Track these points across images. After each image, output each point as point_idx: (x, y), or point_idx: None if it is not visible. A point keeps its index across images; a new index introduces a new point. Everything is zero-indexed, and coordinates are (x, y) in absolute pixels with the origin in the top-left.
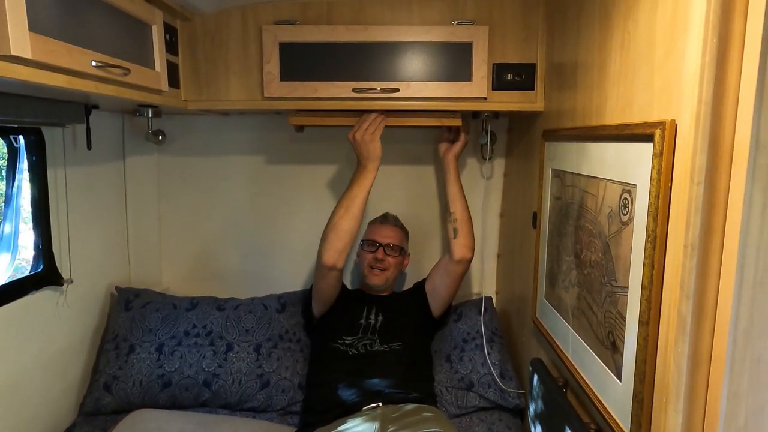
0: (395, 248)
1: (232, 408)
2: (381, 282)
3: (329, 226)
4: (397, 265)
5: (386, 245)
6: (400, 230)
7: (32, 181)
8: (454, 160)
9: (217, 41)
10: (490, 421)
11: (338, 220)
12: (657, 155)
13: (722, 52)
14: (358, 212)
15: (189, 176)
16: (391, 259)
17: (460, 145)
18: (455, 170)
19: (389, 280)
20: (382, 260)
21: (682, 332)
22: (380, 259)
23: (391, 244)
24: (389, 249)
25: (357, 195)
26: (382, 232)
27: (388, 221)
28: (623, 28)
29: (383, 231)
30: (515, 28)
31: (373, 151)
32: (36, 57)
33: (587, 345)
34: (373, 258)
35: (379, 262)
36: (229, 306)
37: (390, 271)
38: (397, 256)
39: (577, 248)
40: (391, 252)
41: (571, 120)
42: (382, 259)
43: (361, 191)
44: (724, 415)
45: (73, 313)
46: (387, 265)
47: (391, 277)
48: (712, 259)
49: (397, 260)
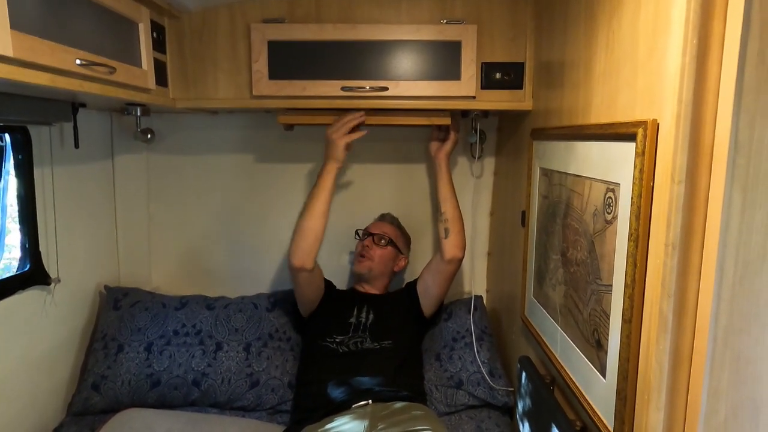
0: (384, 238)
1: (221, 407)
2: (364, 270)
3: (295, 226)
4: (383, 258)
5: (374, 234)
6: (396, 228)
7: (19, 179)
8: (445, 159)
9: (205, 39)
10: (479, 419)
11: (300, 220)
12: (639, 154)
13: (702, 52)
14: (319, 211)
15: (178, 175)
16: (377, 250)
17: (450, 143)
18: (447, 169)
19: (373, 271)
20: (368, 248)
21: (664, 330)
22: (366, 246)
23: (380, 234)
24: (376, 238)
25: (316, 194)
26: (376, 225)
27: (385, 219)
28: (608, 27)
29: (378, 225)
30: (504, 27)
31: (334, 152)
32: (18, 55)
33: (573, 343)
34: (362, 246)
35: (365, 250)
36: (218, 305)
37: (375, 261)
38: (384, 247)
39: (564, 247)
40: (378, 241)
41: (558, 119)
42: (369, 246)
43: (320, 191)
44: (704, 411)
45: (61, 313)
46: (372, 255)
47: (376, 269)
48: (692, 257)
49: (384, 252)
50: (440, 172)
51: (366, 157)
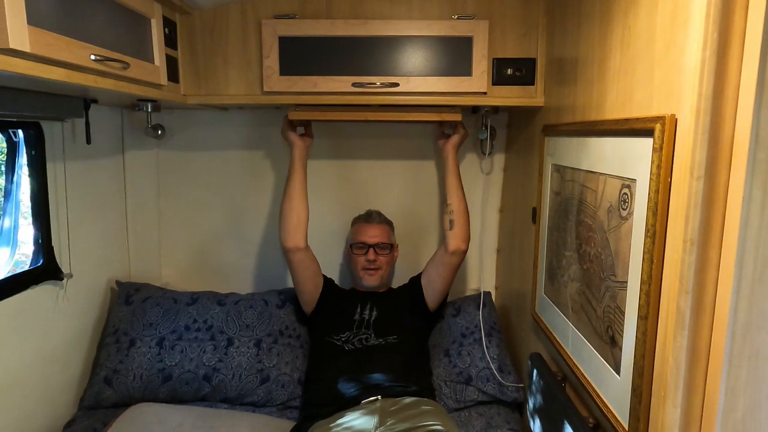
0: (385, 246)
1: (232, 402)
2: (377, 282)
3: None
4: (389, 262)
5: (375, 245)
6: (386, 225)
7: (31, 175)
8: (453, 151)
9: (217, 35)
10: (489, 415)
11: (281, 204)
12: (657, 150)
13: (723, 46)
14: (293, 192)
15: (188, 170)
16: (382, 258)
17: (459, 136)
18: (454, 161)
19: (384, 278)
20: (374, 260)
21: (681, 327)
22: (372, 260)
23: (380, 243)
24: (379, 248)
25: (289, 178)
26: (368, 232)
27: (372, 219)
28: (623, 22)
29: (369, 231)
30: (515, 23)
31: (286, 139)
32: (34, 50)
33: (586, 340)
34: (365, 260)
35: (371, 263)
36: (229, 301)
37: (383, 269)
38: (387, 253)
39: (577, 243)
40: (381, 251)
41: (571, 115)
42: (374, 259)
43: (289, 173)
44: (722, 409)
45: (73, 307)
46: (380, 264)
47: (386, 275)
48: (711, 253)
49: (388, 257)
50: (448, 164)
51: (375, 153)
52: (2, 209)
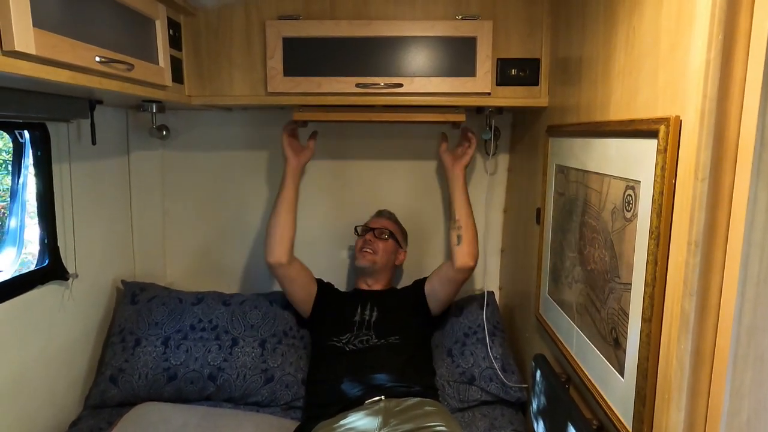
0: (385, 231)
1: (236, 402)
2: (368, 263)
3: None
4: (386, 251)
5: (375, 229)
6: (394, 223)
7: (37, 176)
8: (462, 172)
9: (221, 36)
10: (493, 416)
11: (269, 219)
12: (661, 151)
13: (728, 47)
14: (279, 208)
15: (193, 171)
16: (380, 243)
17: (468, 157)
18: (463, 181)
19: (377, 264)
20: (370, 242)
21: (685, 329)
22: (369, 241)
23: (381, 227)
24: (378, 232)
25: (278, 193)
26: (374, 220)
27: (383, 215)
28: (628, 23)
29: (376, 220)
30: (519, 23)
31: (283, 152)
32: (40, 52)
33: (590, 341)
34: (363, 241)
35: (368, 244)
36: (234, 301)
37: (379, 255)
38: (386, 240)
39: (581, 244)
40: (380, 235)
41: (575, 116)
42: (371, 240)
43: (280, 190)
44: (726, 412)
45: (79, 307)
46: (376, 249)
47: (380, 262)
48: (715, 255)
49: (387, 245)
50: (456, 184)
51: (379, 154)
52: (9, 209)
